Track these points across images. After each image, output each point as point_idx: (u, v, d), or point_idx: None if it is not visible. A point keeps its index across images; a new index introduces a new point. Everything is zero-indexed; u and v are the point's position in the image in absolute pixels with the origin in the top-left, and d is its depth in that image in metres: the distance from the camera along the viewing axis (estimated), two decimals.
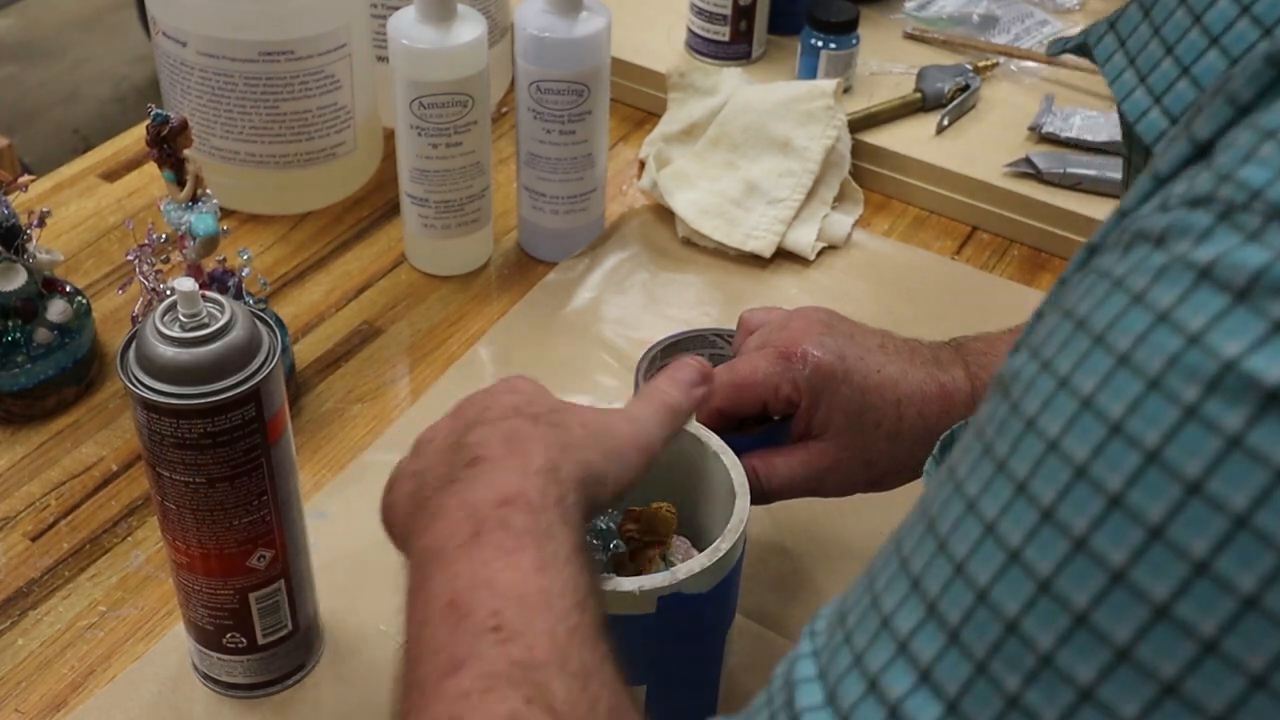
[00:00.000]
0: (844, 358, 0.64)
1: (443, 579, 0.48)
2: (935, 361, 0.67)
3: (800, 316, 0.67)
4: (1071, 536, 0.32)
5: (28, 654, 0.72)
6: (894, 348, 0.67)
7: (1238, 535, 0.29)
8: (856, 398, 0.64)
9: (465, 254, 0.99)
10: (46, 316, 0.85)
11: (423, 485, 0.52)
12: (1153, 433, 0.31)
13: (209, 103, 0.97)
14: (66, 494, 0.81)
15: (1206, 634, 0.30)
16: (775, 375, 0.64)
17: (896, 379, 0.65)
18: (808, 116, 1.05)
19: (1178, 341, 0.31)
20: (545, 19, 0.91)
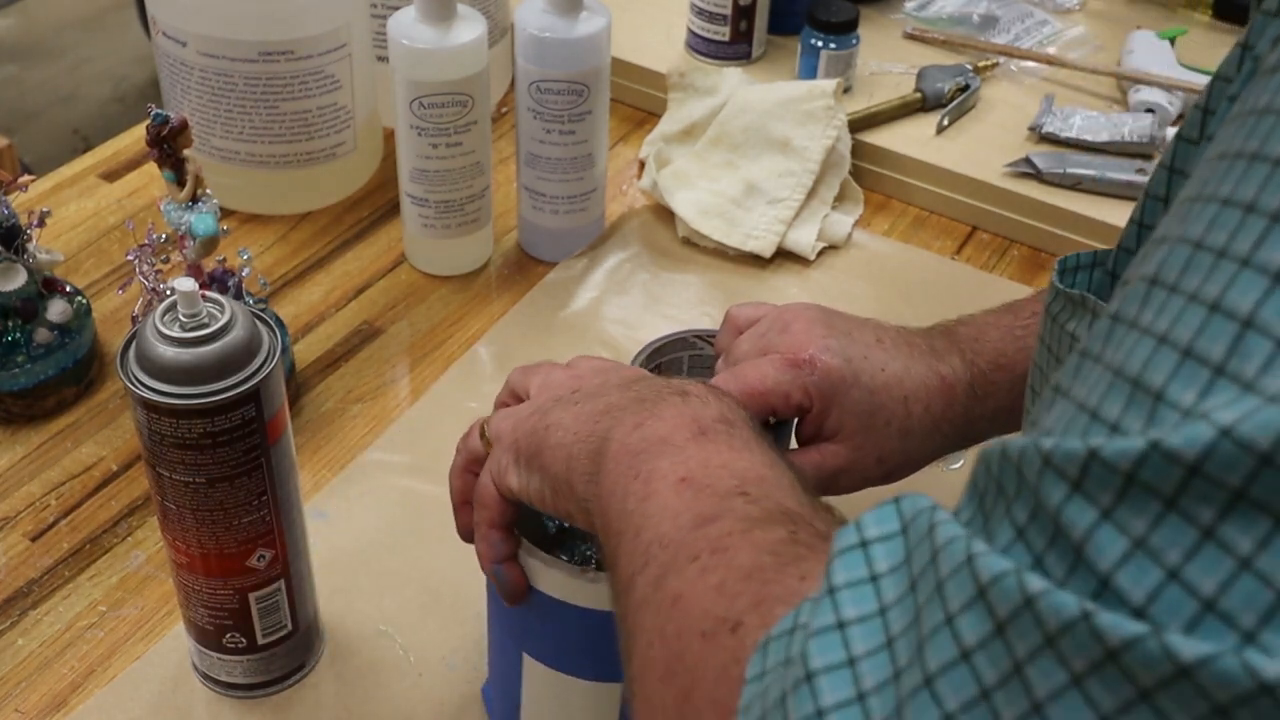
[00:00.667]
0: (850, 360, 0.65)
1: (670, 462, 0.50)
2: (933, 352, 0.67)
3: (798, 317, 0.67)
4: None
5: (28, 654, 0.72)
6: (890, 341, 0.67)
7: None
8: (866, 399, 0.65)
9: (465, 254, 0.99)
10: (46, 316, 0.85)
11: (608, 403, 0.55)
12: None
13: (209, 103, 0.97)
14: (66, 494, 0.81)
15: None
16: (785, 383, 0.64)
17: (901, 376, 0.66)
18: (808, 116, 1.05)
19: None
20: (545, 19, 0.91)
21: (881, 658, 0.34)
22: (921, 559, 0.35)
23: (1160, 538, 0.30)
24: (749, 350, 0.67)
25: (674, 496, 0.48)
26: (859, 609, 0.35)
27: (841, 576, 0.36)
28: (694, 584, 0.44)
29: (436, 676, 0.71)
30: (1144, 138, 1.07)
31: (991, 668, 0.31)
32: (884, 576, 0.36)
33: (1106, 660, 0.29)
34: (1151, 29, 1.22)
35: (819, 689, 0.35)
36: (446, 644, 0.73)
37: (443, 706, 0.70)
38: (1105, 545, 0.30)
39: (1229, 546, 0.29)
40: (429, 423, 0.87)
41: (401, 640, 0.73)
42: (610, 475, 0.51)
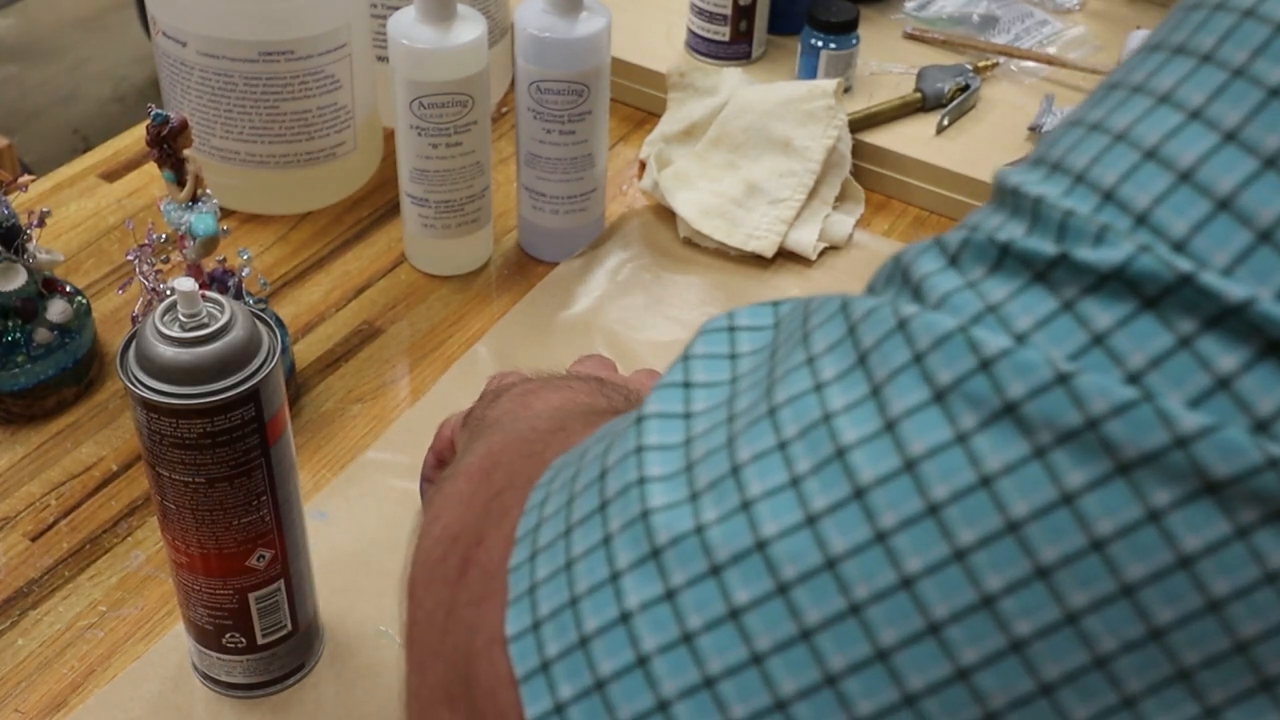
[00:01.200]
0: None
1: (563, 395, 0.50)
2: None
3: None
4: (1266, 86, 0.29)
5: (28, 654, 0.72)
6: None
7: None
8: None
9: (465, 254, 0.99)
10: (46, 316, 0.85)
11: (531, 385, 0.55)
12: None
13: (209, 103, 0.97)
14: (66, 494, 0.81)
15: None
16: None
17: None
18: (808, 116, 1.05)
19: None
20: (545, 19, 0.91)
21: (719, 411, 0.33)
22: (790, 325, 0.33)
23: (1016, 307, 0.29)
24: None
25: (546, 410, 0.48)
26: (709, 375, 0.34)
27: (700, 347, 0.35)
28: (532, 425, 0.44)
29: None
30: None
31: (843, 394, 0.30)
32: (744, 356, 0.34)
33: (977, 370, 0.28)
34: (1151, 29, 1.21)
35: (645, 430, 0.33)
36: None
37: None
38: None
39: (1086, 321, 0.28)
40: (429, 423, 0.86)
41: (401, 640, 0.73)
42: (499, 407, 0.51)
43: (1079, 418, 0.27)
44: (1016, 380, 0.28)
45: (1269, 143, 0.28)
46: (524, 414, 0.48)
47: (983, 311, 0.29)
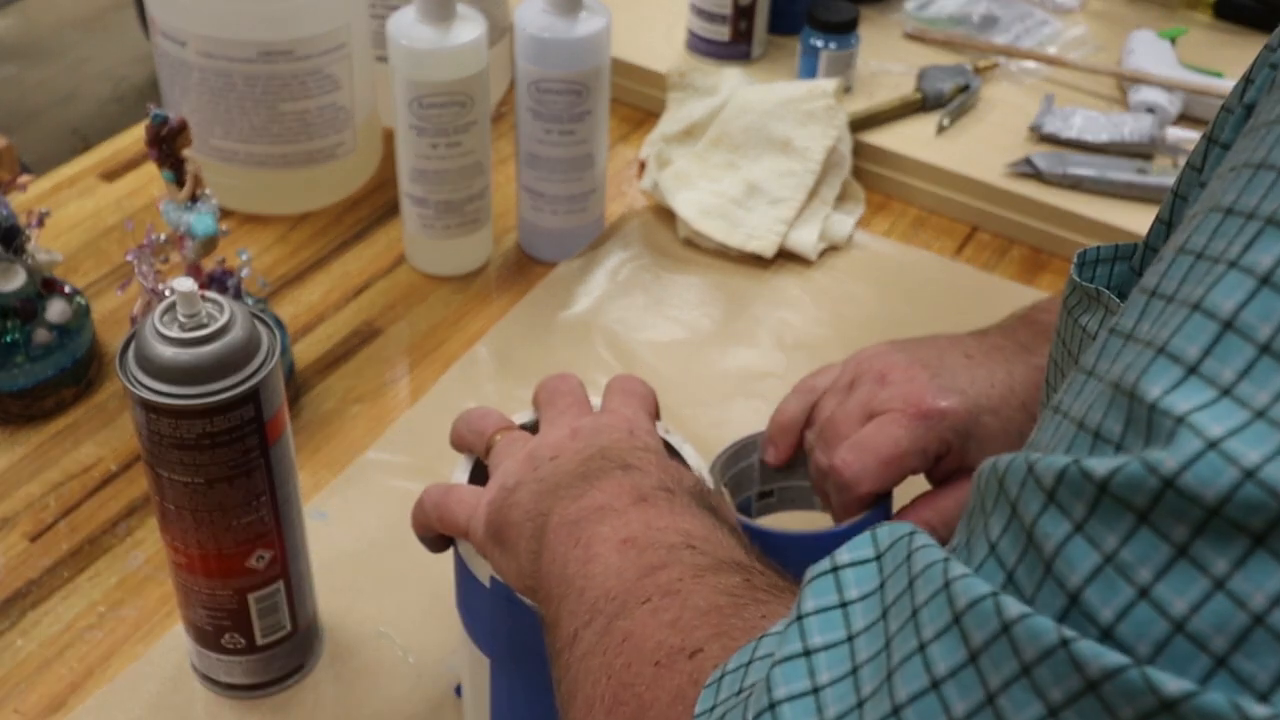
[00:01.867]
0: (965, 392, 0.63)
1: (611, 526, 0.49)
2: (1023, 349, 0.66)
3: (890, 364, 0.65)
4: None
5: (27, 654, 0.72)
6: (979, 353, 0.66)
7: None
8: (994, 422, 0.63)
9: (465, 254, 0.99)
10: (46, 317, 0.85)
11: (556, 481, 0.54)
12: None
13: (209, 103, 0.97)
14: (66, 494, 0.81)
15: None
16: (919, 439, 0.62)
17: (1010, 384, 0.64)
18: (808, 116, 1.05)
19: None
20: (545, 19, 0.91)
21: (845, 686, 0.33)
22: (897, 586, 0.33)
23: (1131, 553, 0.28)
24: (851, 413, 0.64)
25: (617, 556, 0.47)
26: (826, 636, 0.34)
27: (811, 603, 0.35)
28: (645, 622, 0.43)
29: (436, 677, 0.71)
30: (1144, 138, 1.07)
31: (961, 699, 0.30)
32: (854, 603, 0.35)
33: (1085, 691, 0.28)
34: (1152, 29, 1.22)
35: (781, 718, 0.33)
36: (446, 645, 0.73)
37: (442, 707, 0.70)
38: (1076, 560, 0.29)
39: (1203, 565, 0.27)
40: (429, 423, 0.86)
41: (401, 641, 0.73)
42: (549, 548, 0.51)
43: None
44: (1127, 704, 0.27)
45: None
46: (596, 573, 0.48)
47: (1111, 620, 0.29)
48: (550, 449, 0.57)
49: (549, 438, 0.58)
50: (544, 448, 0.58)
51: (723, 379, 0.91)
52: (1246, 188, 0.31)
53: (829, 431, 0.65)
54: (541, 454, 0.57)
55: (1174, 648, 0.27)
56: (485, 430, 0.62)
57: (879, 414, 0.63)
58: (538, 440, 0.59)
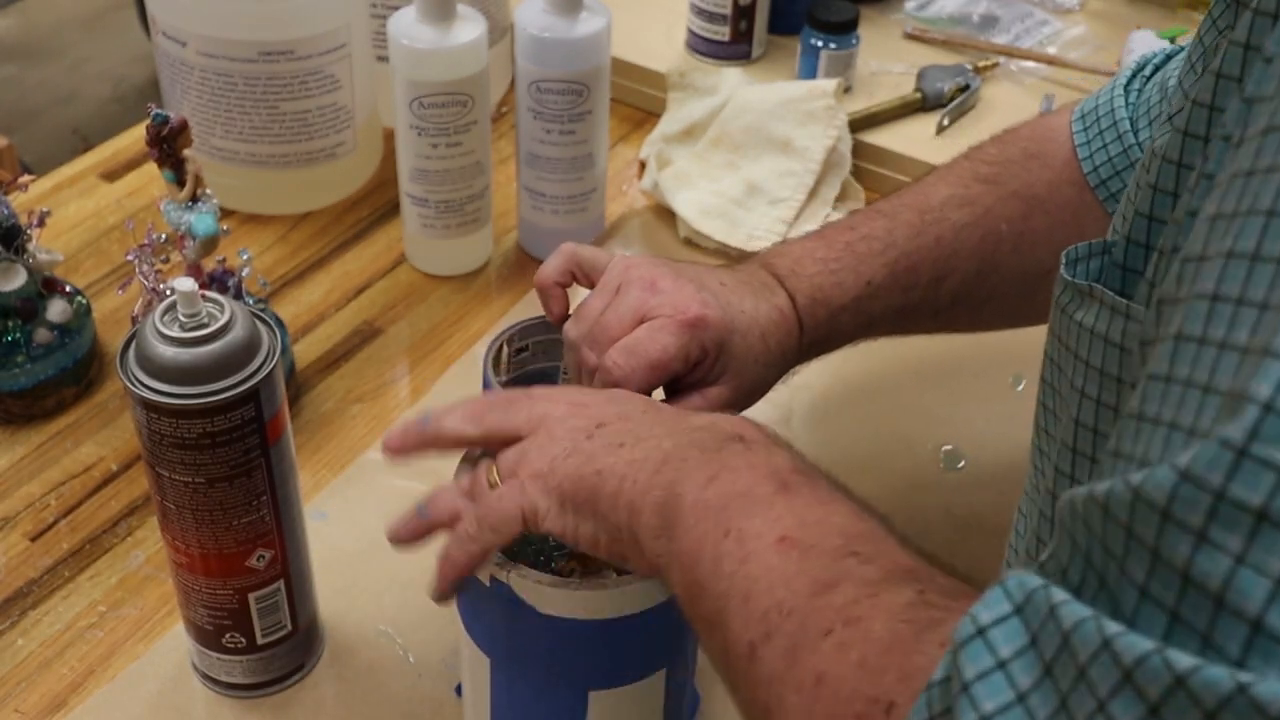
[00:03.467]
0: (725, 309, 0.66)
1: (762, 520, 0.48)
2: (765, 287, 0.70)
3: (657, 274, 0.67)
4: None
5: (28, 654, 0.72)
6: (731, 283, 0.69)
7: None
8: (740, 342, 0.67)
9: (465, 254, 0.99)
10: (46, 316, 0.85)
11: (663, 450, 0.53)
12: None
13: (209, 103, 0.97)
14: (66, 494, 0.81)
15: None
16: (684, 346, 0.64)
17: (754, 314, 0.68)
18: (808, 116, 1.05)
19: None
20: (545, 19, 0.91)
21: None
22: (1051, 643, 0.34)
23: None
24: (623, 317, 0.66)
25: (778, 558, 0.47)
26: (996, 700, 0.34)
27: (971, 670, 0.35)
28: (834, 661, 0.43)
29: (436, 677, 0.71)
30: None
31: None
32: (1011, 661, 0.35)
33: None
34: (1151, 29, 1.22)
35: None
36: (446, 644, 0.73)
37: (442, 707, 0.70)
38: (1248, 588, 0.29)
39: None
40: None
41: (401, 640, 0.73)
42: (691, 534, 0.50)
43: None
44: None
45: None
46: (760, 578, 0.47)
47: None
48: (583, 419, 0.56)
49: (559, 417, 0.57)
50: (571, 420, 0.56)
51: None
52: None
53: (599, 332, 0.66)
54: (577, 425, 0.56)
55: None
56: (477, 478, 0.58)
57: (649, 319, 0.65)
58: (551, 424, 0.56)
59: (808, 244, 0.73)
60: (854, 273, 0.71)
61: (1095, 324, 0.50)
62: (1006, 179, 0.75)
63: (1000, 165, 0.76)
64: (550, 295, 0.70)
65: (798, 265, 0.72)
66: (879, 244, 0.72)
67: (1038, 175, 0.74)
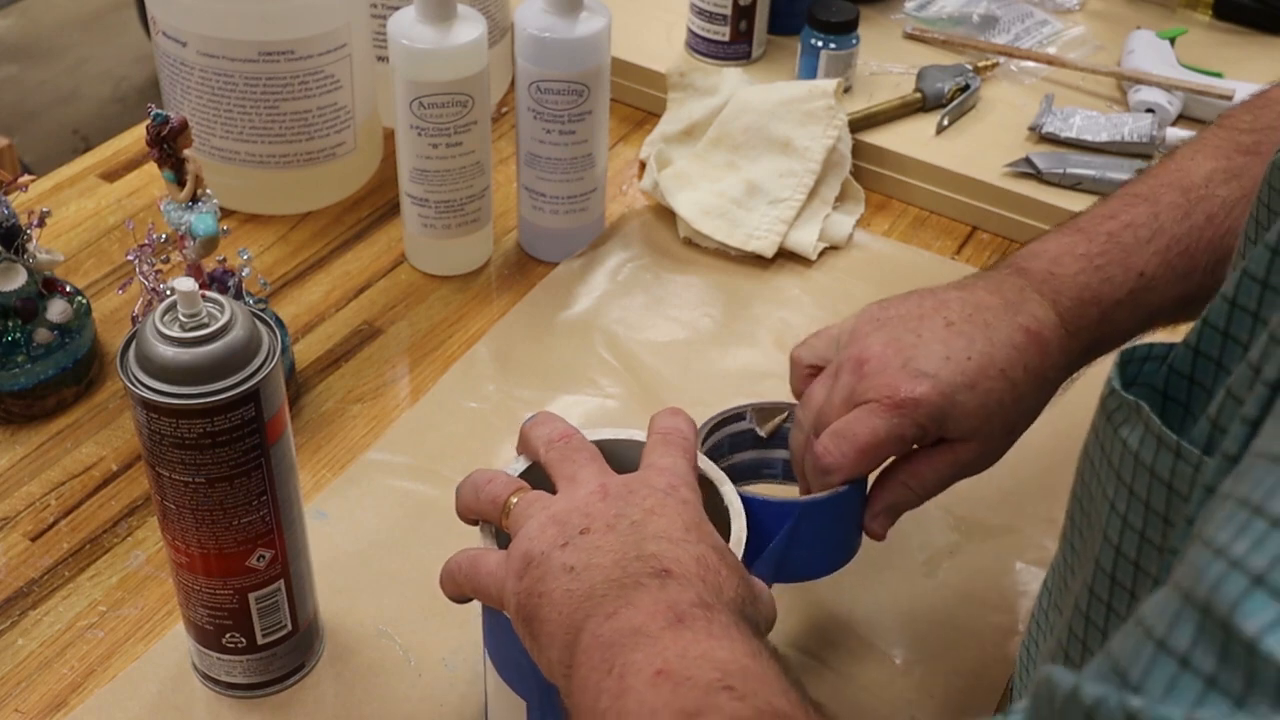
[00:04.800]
0: (939, 374, 0.63)
1: (645, 654, 0.47)
2: (1008, 307, 0.65)
3: (866, 349, 0.64)
4: None
5: (28, 654, 0.72)
6: (960, 319, 0.65)
7: None
8: (971, 398, 0.63)
9: (465, 254, 0.99)
10: (46, 316, 0.85)
11: (591, 583, 0.52)
12: None
13: (209, 103, 0.97)
14: (66, 494, 0.81)
15: None
16: (895, 427, 0.62)
17: (988, 353, 0.63)
18: (808, 116, 1.05)
19: None
20: (545, 19, 0.91)
21: None
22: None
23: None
24: (835, 405, 0.65)
25: (651, 691, 0.46)
26: None
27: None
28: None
29: (436, 677, 0.71)
30: (1144, 138, 1.07)
31: None
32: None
33: None
34: (1151, 29, 1.22)
35: None
36: (446, 644, 0.73)
37: (442, 707, 0.70)
38: None
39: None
40: (429, 423, 0.87)
41: (401, 640, 0.73)
42: (582, 670, 0.49)
43: None
44: None
45: None
46: (629, 710, 0.46)
47: None
48: (580, 516, 0.55)
49: (576, 498, 0.56)
50: (572, 513, 0.55)
51: (723, 379, 0.91)
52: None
53: (819, 422, 0.66)
54: (571, 521, 0.55)
55: None
56: (497, 496, 0.59)
57: (859, 404, 0.64)
58: (563, 502, 0.57)
59: (1064, 239, 0.68)
60: (1122, 266, 0.66)
61: (1140, 450, 0.46)
62: (1269, 146, 0.68)
63: (1260, 133, 0.69)
64: (797, 374, 0.70)
65: (1056, 265, 0.67)
66: (1146, 231, 0.66)
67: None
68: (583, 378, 0.91)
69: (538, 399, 0.88)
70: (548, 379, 0.90)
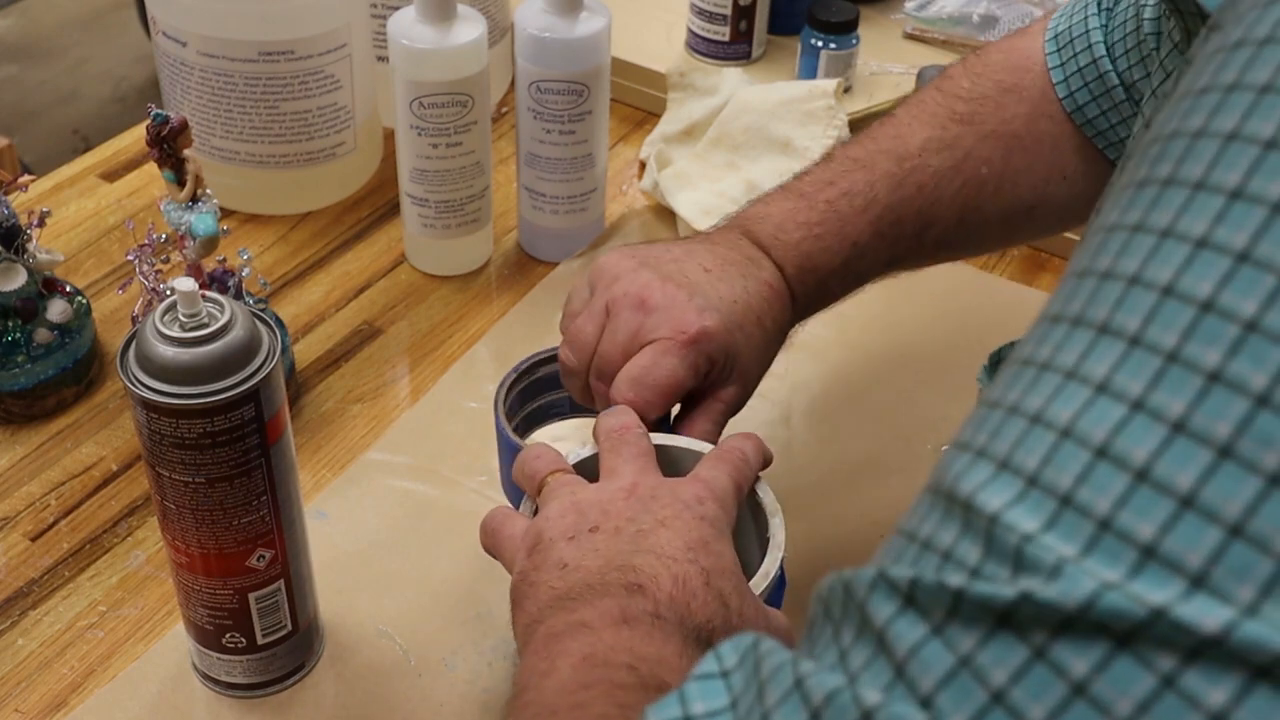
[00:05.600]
0: (718, 309, 0.65)
1: (581, 642, 0.48)
2: (751, 262, 0.68)
3: (646, 287, 0.65)
4: (1204, 371, 0.28)
5: (28, 654, 0.72)
6: (715, 266, 0.67)
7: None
8: (741, 337, 0.65)
9: (465, 254, 0.99)
10: (46, 316, 0.85)
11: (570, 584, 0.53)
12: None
13: (209, 103, 0.97)
14: (66, 494, 0.81)
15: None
16: (692, 365, 0.63)
17: (746, 301, 0.66)
18: (809, 117, 1.05)
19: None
20: (545, 19, 0.91)
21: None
22: (748, 696, 0.33)
23: (988, 657, 0.28)
24: (620, 344, 0.65)
25: (571, 672, 0.47)
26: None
27: (653, 716, 0.35)
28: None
29: (436, 677, 0.71)
30: None
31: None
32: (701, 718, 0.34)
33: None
34: None
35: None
36: (446, 644, 0.73)
37: (442, 707, 0.70)
38: (931, 662, 0.29)
39: (1061, 669, 0.27)
40: (429, 423, 0.87)
41: (401, 641, 0.73)
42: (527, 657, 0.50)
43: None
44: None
45: (1219, 430, 0.27)
46: (546, 686, 0.48)
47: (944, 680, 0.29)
48: (598, 512, 0.56)
49: (604, 492, 0.57)
50: (593, 506, 0.56)
51: None
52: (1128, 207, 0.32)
53: (602, 363, 0.65)
54: (588, 515, 0.56)
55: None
56: (538, 472, 0.60)
57: (648, 342, 0.64)
58: (591, 493, 0.57)
59: (786, 205, 0.71)
60: (839, 236, 0.70)
61: None
62: (984, 117, 0.72)
63: (975, 102, 0.73)
64: (573, 384, 0.69)
65: (780, 232, 0.70)
66: (861, 200, 0.70)
67: (1014, 110, 0.72)
68: None
69: None
70: None
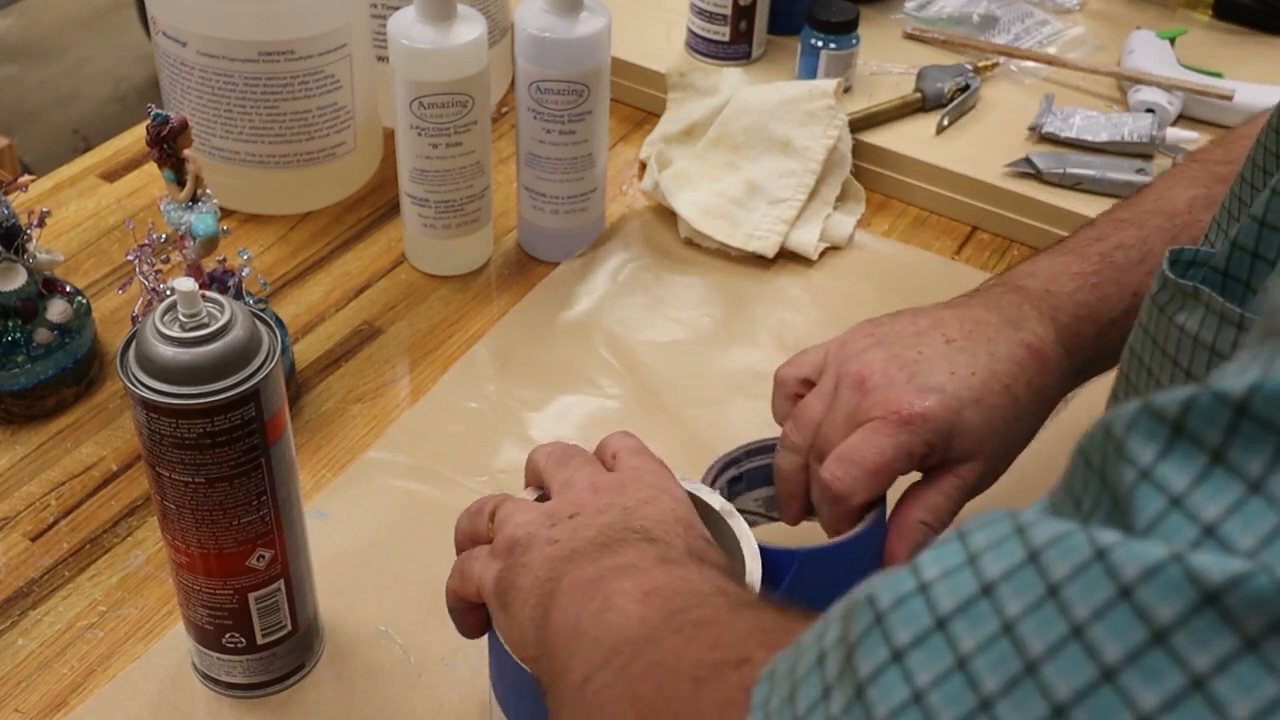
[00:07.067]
0: (944, 389, 0.62)
1: (635, 581, 0.47)
2: (1008, 323, 0.65)
3: (867, 366, 0.63)
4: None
5: (28, 654, 0.72)
6: (960, 335, 0.64)
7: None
8: (976, 414, 0.62)
9: (465, 254, 0.99)
10: (46, 316, 0.85)
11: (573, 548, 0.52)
12: None
13: (209, 103, 0.97)
14: (66, 494, 0.81)
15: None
16: (904, 445, 0.61)
17: (991, 368, 0.63)
18: (809, 116, 1.05)
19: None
20: (545, 19, 0.91)
21: (979, 615, 0.29)
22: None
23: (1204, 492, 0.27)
24: (837, 425, 0.63)
25: (639, 606, 0.45)
26: (948, 577, 0.30)
27: (932, 557, 0.32)
28: (677, 649, 0.40)
29: (436, 677, 0.71)
30: (1144, 138, 1.07)
31: (1116, 640, 0.27)
32: (983, 554, 0.30)
33: (1204, 603, 0.26)
34: (1151, 29, 1.22)
35: (890, 629, 0.30)
36: (446, 644, 0.73)
37: (443, 707, 0.70)
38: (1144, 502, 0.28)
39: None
40: (429, 423, 0.87)
41: (401, 640, 0.73)
42: (560, 609, 0.48)
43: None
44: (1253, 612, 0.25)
45: None
46: (611, 621, 0.46)
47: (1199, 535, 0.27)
48: (570, 505, 0.55)
49: (569, 494, 0.56)
50: (563, 504, 0.55)
51: (723, 379, 0.91)
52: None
53: (821, 443, 0.64)
54: (560, 510, 0.55)
55: None
56: (483, 507, 0.59)
57: (863, 423, 0.62)
58: (554, 501, 0.56)
59: (1057, 259, 0.68)
60: (1116, 285, 0.66)
61: (1200, 331, 0.46)
62: None
63: (1233, 164, 0.69)
64: (792, 502, 0.67)
65: (1052, 283, 0.67)
66: (1136, 253, 0.67)
67: None
68: (583, 378, 0.91)
69: (538, 399, 0.88)
70: (548, 379, 0.90)
